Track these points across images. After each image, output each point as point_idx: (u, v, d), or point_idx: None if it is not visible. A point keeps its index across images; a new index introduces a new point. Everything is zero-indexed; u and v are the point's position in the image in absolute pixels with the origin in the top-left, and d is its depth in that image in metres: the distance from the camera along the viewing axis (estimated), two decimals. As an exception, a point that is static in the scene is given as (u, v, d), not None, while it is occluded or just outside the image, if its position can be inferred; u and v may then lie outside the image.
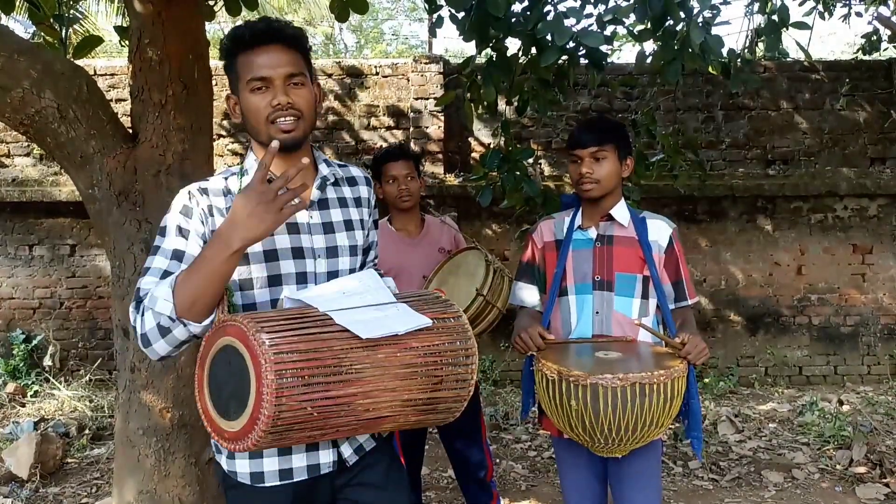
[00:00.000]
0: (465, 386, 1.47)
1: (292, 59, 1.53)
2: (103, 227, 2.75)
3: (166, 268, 1.48)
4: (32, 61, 2.49)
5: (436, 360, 1.43)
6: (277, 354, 1.25)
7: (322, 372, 1.29)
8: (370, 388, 1.34)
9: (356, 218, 1.67)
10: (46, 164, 6.09)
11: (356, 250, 1.65)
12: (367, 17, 16.99)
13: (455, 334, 1.47)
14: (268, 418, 1.24)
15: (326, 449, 1.57)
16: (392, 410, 1.39)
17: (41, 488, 3.92)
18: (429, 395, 1.43)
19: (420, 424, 1.50)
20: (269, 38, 1.51)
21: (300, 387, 1.26)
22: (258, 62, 1.51)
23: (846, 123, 6.20)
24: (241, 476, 1.57)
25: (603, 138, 2.14)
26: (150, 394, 2.72)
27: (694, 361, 1.94)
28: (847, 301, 6.23)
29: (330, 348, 1.32)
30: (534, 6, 3.14)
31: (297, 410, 1.27)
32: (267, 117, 1.52)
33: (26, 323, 6.17)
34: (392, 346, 1.38)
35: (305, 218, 1.59)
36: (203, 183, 1.60)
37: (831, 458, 4.24)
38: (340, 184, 1.69)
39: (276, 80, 1.51)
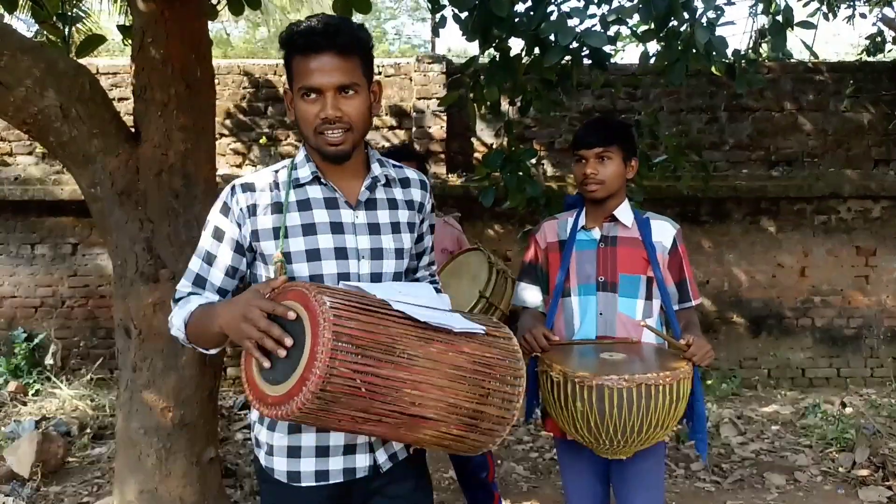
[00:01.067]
0: (510, 408, 1.45)
1: (346, 68, 1.46)
2: (105, 226, 2.75)
3: (198, 271, 1.56)
4: (35, 60, 2.49)
5: (485, 371, 1.42)
6: (337, 317, 1.24)
7: (376, 347, 1.28)
8: (420, 378, 1.33)
9: (405, 221, 1.63)
10: (49, 162, 6.09)
11: (402, 253, 1.61)
12: (369, 16, 16.98)
13: (506, 353, 1.47)
14: (319, 379, 1.21)
15: (363, 453, 1.56)
16: (437, 412, 1.37)
17: (42, 487, 3.91)
18: (475, 407, 1.40)
19: (459, 444, 1.46)
20: (321, 46, 1.44)
21: (353, 355, 1.24)
22: (310, 69, 1.45)
23: (850, 125, 6.18)
24: (277, 473, 1.56)
25: (608, 139, 2.13)
26: (152, 393, 2.72)
27: (699, 363, 1.93)
28: (850, 303, 6.21)
29: (386, 328, 1.31)
30: (537, 6, 3.13)
31: (347, 379, 1.24)
32: (315, 129, 1.49)
33: (28, 322, 6.17)
34: (445, 343, 1.37)
35: (351, 218, 1.55)
36: (250, 178, 1.58)
37: (834, 460, 4.22)
38: (392, 185, 1.64)
39: (326, 90, 1.45)
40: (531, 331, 2.02)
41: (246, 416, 5.25)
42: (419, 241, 1.72)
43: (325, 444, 1.54)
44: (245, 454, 4.46)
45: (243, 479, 3.95)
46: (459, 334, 1.41)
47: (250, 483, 3.90)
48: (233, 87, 6.16)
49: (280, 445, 1.55)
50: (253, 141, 6.20)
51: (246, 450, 4.55)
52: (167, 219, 2.72)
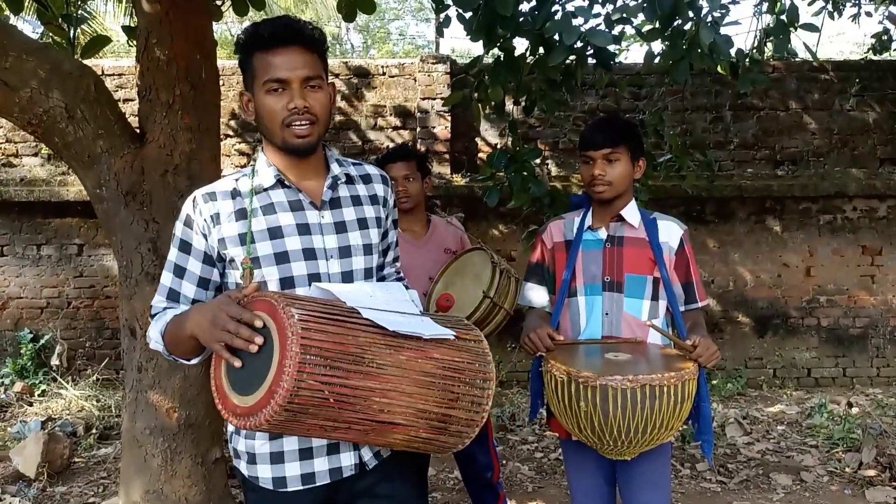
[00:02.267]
0: (480, 411, 1.46)
1: (310, 62, 1.50)
2: (111, 226, 2.75)
3: (170, 285, 1.57)
4: (41, 61, 2.50)
5: (454, 376, 1.43)
6: (305, 329, 1.24)
7: (345, 359, 1.28)
8: (389, 387, 1.33)
9: (371, 216, 1.64)
10: (54, 163, 6.11)
11: (371, 249, 1.62)
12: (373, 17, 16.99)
13: (475, 356, 1.48)
14: (286, 392, 1.21)
15: (347, 452, 1.56)
16: (405, 418, 1.37)
17: (48, 487, 3.93)
18: (443, 411, 1.41)
19: (428, 446, 1.47)
20: (288, 39, 1.49)
21: (322, 367, 1.25)
22: (276, 63, 1.48)
23: (856, 124, 6.17)
24: (262, 481, 1.55)
25: (616, 140, 2.11)
26: (157, 394, 2.72)
27: (705, 364, 1.92)
28: (856, 303, 6.19)
29: (355, 338, 1.31)
30: (542, 6, 3.12)
31: (315, 392, 1.25)
32: (283, 121, 1.50)
33: (34, 322, 6.19)
34: (414, 350, 1.38)
35: (316, 218, 1.56)
36: (210, 187, 1.59)
37: (840, 460, 4.21)
38: (354, 182, 1.66)
39: (293, 82, 1.48)
40: (536, 331, 2.01)
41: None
42: (385, 236, 1.71)
43: (308, 447, 1.53)
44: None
45: (248, 480, 3.96)
46: (429, 341, 1.42)
47: (255, 483, 3.90)
48: (237, 88, 6.16)
49: (262, 453, 1.55)
50: (258, 141, 6.21)
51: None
52: (172, 219, 2.69)
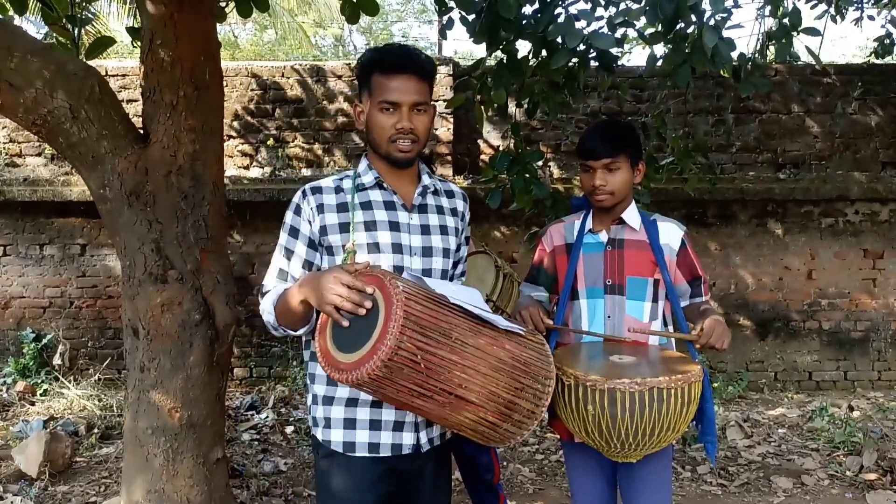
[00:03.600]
0: (540, 405, 1.64)
1: (421, 89, 1.73)
2: (114, 226, 2.76)
3: (281, 266, 1.78)
4: (45, 61, 2.50)
5: (522, 367, 1.61)
6: (408, 299, 1.43)
7: (436, 331, 1.47)
8: (468, 364, 1.50)
9: (451, 225, 1.86)
10: (58, 163, 6.12)
11: (448, 253, 1.83)
12: (376, 19, 17.01)
13: (540, 355, 1.67)
14: (389, 349, 1.39)
15: (410, 432, 1.76)
16: (478, 397, 1.53)
17: (50, 486, 3.93)
18: (510, 398, 1.58)
19: (493, 432, 1.61)
20: (405, 67, 1.71)
21: (418, 333, 1.43)
22: (391, 86, 1.70)
23: (858, 127, 6.17)
24: (334, 444, 1.76)
25: (616, 149, 2.10)
26: (159, 393, 2.73)
27: (716, 345, 1.90)
28: (858, 306, 6.19)
29: (445, 316, 1.50)
30: (545, 8, 3.13)
31: (411, 354, 1.42)
32: (389, 137, 1.73)
33: (36, 322, 6.20)
34: (491, 338, 1.57)
35: (406, 219, 1.78)
36: (318, 182, 1.81)
37: (841, 464, 4.21)
38: (439, 194, 1.88)
39: (403, 105, 1.71)
40: (529, 308, 2.04)
41: (252, 417, 5.26)
42: (457, 249, 1.91)
43: (377, 419, 1.74)
44: (252, 455, 4.47)
45: (250, 480, 3.97)
46: (503, 331, 1.61)
47: (257, 483, 3.91)
48: (241, 90, 6.18)
49: (337, 418, 1.76)
50: (261, 143, 6.22)
51: (253, 450, 4.57)
52: (175, 220, 2.73)
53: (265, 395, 5.78)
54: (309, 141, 6.22)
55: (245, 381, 6.20)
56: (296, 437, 4.88)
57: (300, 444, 4.73)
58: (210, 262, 2.79)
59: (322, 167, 6.17)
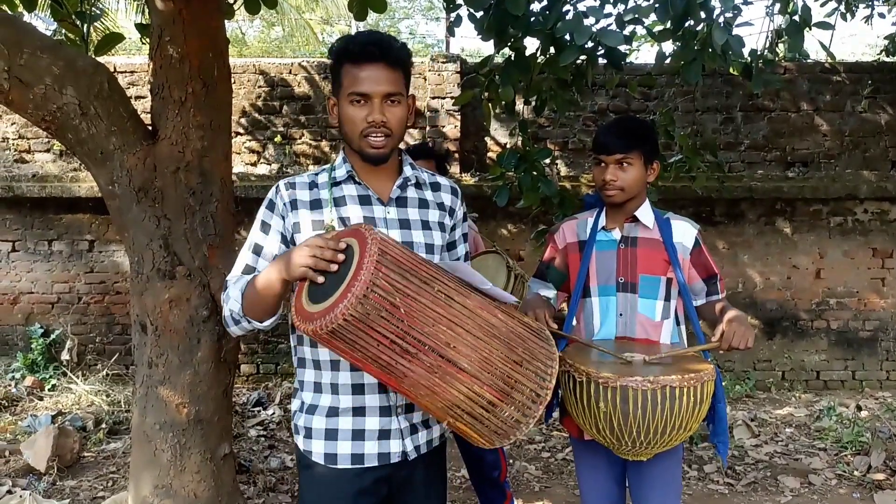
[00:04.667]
0: (544, 385, 1.49)
1: (393, 78, 1.62)
2: (122, 222, 2.77)
3: (248, 261, 1.69)
4: (55, 58, 2.51)
5: (518, 341, 1.48)
6: (383, 240, 1.37)
7: (417, 276, 1.38)
8: (456, 320, 1.39)
9: (435, 220, 1.74)
10: (66, 159, 6.15)
11: (433, 249, 1.71)
12: (383, 16, 16.99)
13: (538, 336, 1.55)
14: (364, 283, 1.30)
15: (397, 439, 1.66)
16: (470, 363, 1.40)
17: (58, 481, 3.96)
18: (508, 370, 1.44)
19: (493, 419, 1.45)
20: (375, 56, 1.59)
21: (395, 273, 1.34)
22: (361, 77, 1.60)
23: (867, 126, 6.13)
24: (315, 456, 1.67)
25: (630, 145, 2.09)
26: (167, 389, 2.74)
27: (738, 346, 1.86)
28: (866, 305, 6.16)
29: (427, 268, 1.42)
30: (553, 5, 3.12)
31: (388, 294, 1.32)
32: (361, 131, 1.62)
33: (45, 317, 6.23)
34: (481, 303, 1.46)
35: (382, 213, 1.68)
36: (293, 178, 1.73)
37: (849, 464, 4.19)
38: (423, 187, 1.77)
39: (374, 97, 1.60)
40: (536, 310, 1.96)
41: (259, 413, 5.28)
42: (451, 247, 1.82)
43: (360, 428, 1.65)
44: (258, 451, 4.49)
45: (256, 476, 3.98)
46: (494, 300, 1.51)
47: (263, 479, 3.92)
48: (248, 86, 6.19)
49: (318, 428, 1.67)
50: (268, 139, 6.23)
51: (259, 446, 4.58)
52: (184, 216, 2.73)
53: (272, 392, 5.79)
54: (316, 138, 6.23)
55: (252, 378, 6.22)
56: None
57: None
58: (218, 259, 2.80)
59: (328, 163, 6.17)
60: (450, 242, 1.80)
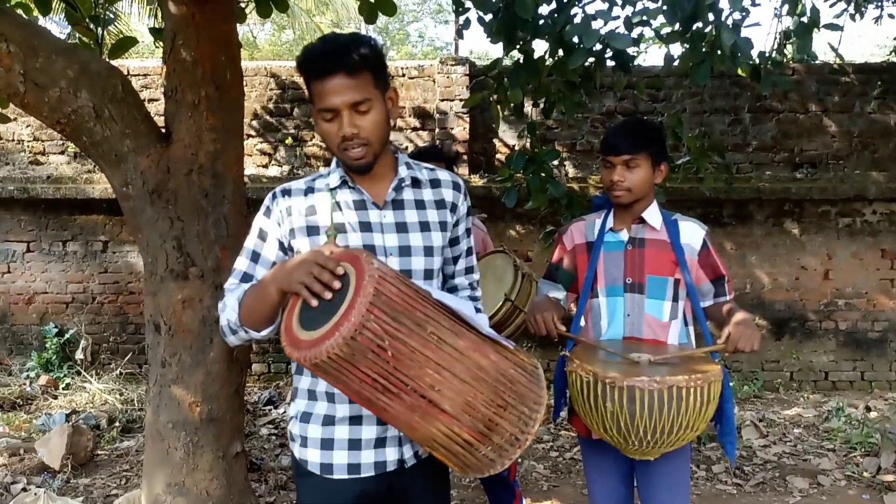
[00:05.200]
0: (525, 431, 1.45)
1: (356, 85, 1.52)
2: (136, 224, 2.81)
3: (245, 269, 1.66)
4: (69, 61, 2.55)
5: (506, 383, 1.43)
6: (381, 278, 1.32)
7: (410, 318, 1.34)
8: (444, 364, 1.36)
9: (434, 220, 1.68)
10: (81, 161, 6.22)
11: (431, 251, 1.66)
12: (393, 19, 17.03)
13: (530, 377, 1.50)
14: (353, 325, 1.27)
15: (393, 447, 1.62)
16: (452, 406, 1.38)
17: (72, 479, 4.01)
18: (490, 415, 1.41)
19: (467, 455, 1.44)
20: (333, 67, 1.51)
21: (388, 315, 1.31)
22: (324, 92, 1.53)
23: (876, 126, 6.11)
24: (311, 465, 1.64)
25: (637, 146, 2.10)
26: (180, 388, 2.77)
27: (745, 349, 1.86)
28: (875, 306, 6.14)
29: (423, 307, 1.37)
30: (562, 8, 3.15)
31: (377, 336, 1.29)
32: (337, 146, 1.58)
33: (59, 317, 6.30)
34: (473, 344, 1.42)
35: (378, 217, 1.64)
36: (288, 184, 1.70)
37: (858, 465, 4.18)
38: (421, 186, 1.70)
39: (341, 109, 1.53)
40: (543, 314, 1.99)
41: (271, 412, 5.32)
42: (454, 243, 1.76)
43: (357, 438, 1.61)
44: (270, 449, 4.53)
45: (268, 474, 4.02)
46: (487, 340, 1.46)
47: (275, 478, 3.96)
48: (259, 89, 6.24)
49: (314, 437, 1.63)
50: (279, 142, 6.28)
51: (271, 445, 4.62)
52: (197, 217, 2.77)
53: (283, 391, 5.84)
54: (326, 140, 6.26)
55: (263, 377, 6.27)
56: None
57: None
58: (230, 260, 2.81)
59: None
60: (452, 239, 1.75)
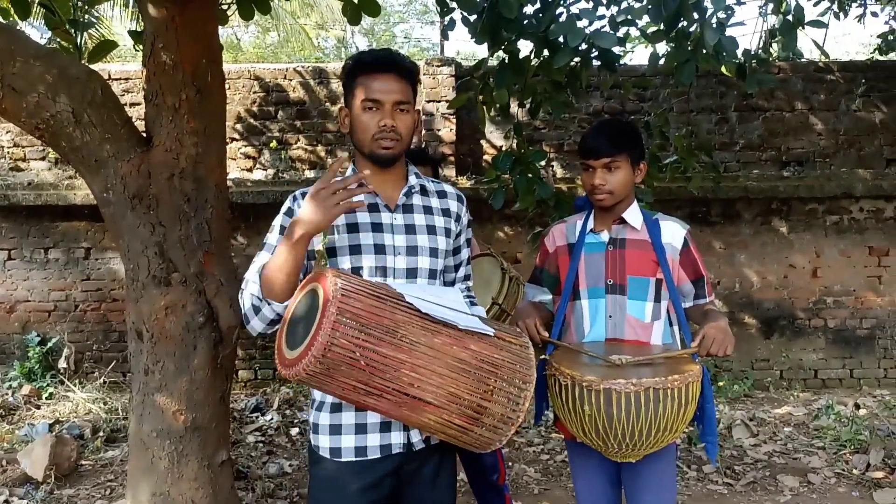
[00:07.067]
0: (516, 409, 1.57)
1: (403, 88, 1.77)
2: (117, 230, 2.76)
3: (265, 262, 1.76)
4: (48, 66, 2.51)
5: (491, 370, 1.55)
6: (345, 296, 1.44)
7: (378, 328, 1.45)
8: (420, 363, 1.47)
9: (440, 225, 1.86)
10: (62, 167, 6.14)
11: (437, 252, 1.83)
12: (379, 20, 17.01)
13: (518, 357, 1.61)
14: (320, 345, 1.39)
15: (398, 431, 1.74)
16: (436, 398, 1.50)
17: (56, 490, 3.94)
18: (477, 401, 1.53)
19: (464, 435, 1.57)
20: (387, 67, 1.76)
21: (355, 330, 1.42)
22: (374, 86, 1.75)
23: (862, 124, 6.15)
24: (322, 450, 1.77)
25: (617, 148, 2.10)
26: (164, 396, 2.73)
27: (717, 353, 1.89)
28: (863, 304, 6.16)
29: (392, 314, 1.48)
30: (546, 8, 3.13)
31: (347, 350, 1.42)
32: (373, 135, 1.75)
33: (41, 325, 6.22)
34: (451, 338, 1.53)
35: (389, 219, 1.80)
36: (309, 188, 1.78)
37: (848, 462, 4.19)
38: (429, 195, 1.89)
39: (386, 104, 1.75)
40: (526, 320, 2.04)
41: (258, 419, 5.27)
42: (456, 252, 1.93)
43: (363, 422, 1.74)
44: (257, 457, 4.48)
45: (255, 482, 3.97)
46: (467, 332, 1.56)
47: (262, 485, 3.91)
48: (243, 92, 6.19)
49: (324, 424, 1.77)
50: (263, 145, 6.23)
51: (258, 452, 4.57)
52: (179, 223, 2.73)
53: (270, 397, 5.78)
54: (312, 143, 6.23)
55: (250, 384, 6.21)
56: (300, 438, 4.88)
57: (305, 445, 4.73)
58: (213, 265, 2.79)
59: (325, 169, 6.18)
60: (455, 248, 1.91)
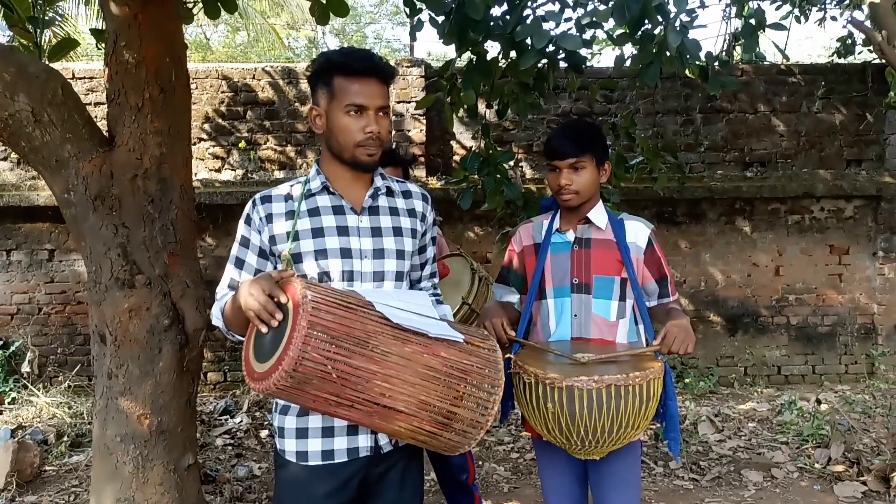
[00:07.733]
0: (485, 413, 1.58)
1: (385, 93, 1.75)
2: (79, 231, 2.72)
3: (232, 275, 1.79)
4: (5, 64, 2.46)
5: (460, 376, 1.55)
6: (315, 309, 1.42)
7: (349, 339, 1.44)
8: (391, 373, 1.47)
9: (407, 226, 1.84)
10: (24, 168, 6.01)
11: (403, 255, 1.81)
12: (349, 20, 16.95)
13: (486, 362, 1.61)
14: (291, 360, 1.38)
15: (365, 434, 1.73)
16: (407, 406, 1.50)
17: (17, 497, 3.87)
18: (447, 407, 1.54)
19: (434, 441, 1.58)
20: (370, 71, 1.72)
21: (326, 343, 1.41)
22: (357, 90, 1.71)
23: (823, 126, 6.28)
24: (288, 454, 1.75)
25: (582, 149, 2.13)
26: (128, 400, 2.69)
27: (678, 351, 1.92)
28: (824, 301, 6.30)
29: (363, 325, 1.47)
30: (512, 10, 3.16)
31: (318, 364, 1.41)
32: (358, 142, 1.72)
33: (4, 329, 6.08)
34: (421, 346, 1.53)
35: (355, 222, 1.77)
36: (268, 191, 1.82)
37: (810, 456, 4.28)
38: (395, 195, 1.86)
39: (370, 109, 1.72)
40: (492, 319, 2.05)
41: (227, 422, 5.22)
42: (422, 251, 1.91)
43: (330, 425, 1.72)
44: (226, 460, 4.43)
45: (223, 485, 3.93)
46: (437, 340, 1.55)
47: (230, 489, 3.88)
48: (211, 92, 6.12)
49: (290, 427, 1.75)
50: (232, 145, 6.17)
51: (226, 455, 4.53)
52: (142, 224, 2.69)
53: (239, 399, 5.73)
54: (281, 143, 6.19)
55: (219, 385, 6.15)
56: (270, 441, 4.85)
57: (274, 448, 4.70)
58: (179, 267, 2.76)
59: (295, 169, 6.14)
60: (420, 247, 1.89)
